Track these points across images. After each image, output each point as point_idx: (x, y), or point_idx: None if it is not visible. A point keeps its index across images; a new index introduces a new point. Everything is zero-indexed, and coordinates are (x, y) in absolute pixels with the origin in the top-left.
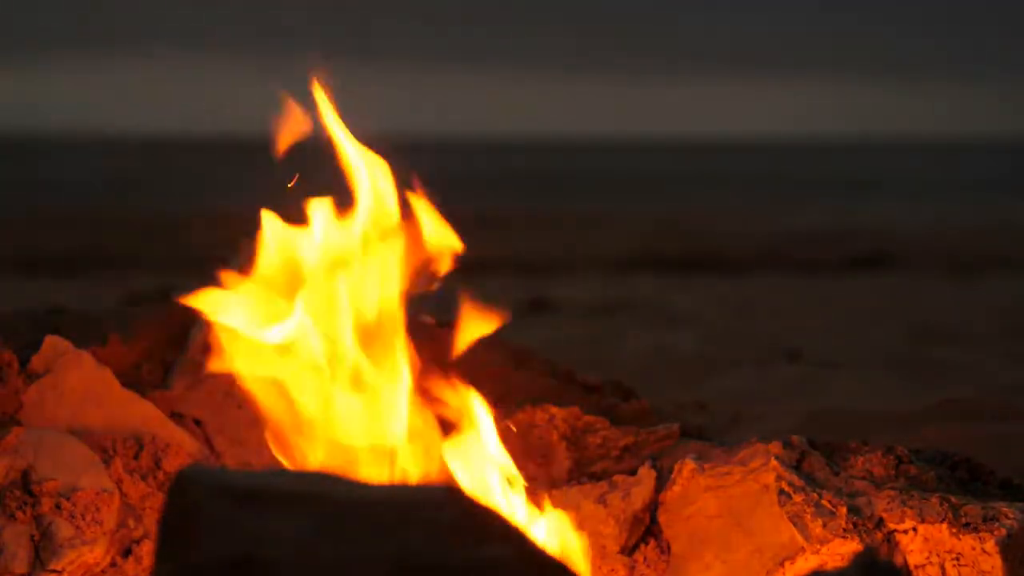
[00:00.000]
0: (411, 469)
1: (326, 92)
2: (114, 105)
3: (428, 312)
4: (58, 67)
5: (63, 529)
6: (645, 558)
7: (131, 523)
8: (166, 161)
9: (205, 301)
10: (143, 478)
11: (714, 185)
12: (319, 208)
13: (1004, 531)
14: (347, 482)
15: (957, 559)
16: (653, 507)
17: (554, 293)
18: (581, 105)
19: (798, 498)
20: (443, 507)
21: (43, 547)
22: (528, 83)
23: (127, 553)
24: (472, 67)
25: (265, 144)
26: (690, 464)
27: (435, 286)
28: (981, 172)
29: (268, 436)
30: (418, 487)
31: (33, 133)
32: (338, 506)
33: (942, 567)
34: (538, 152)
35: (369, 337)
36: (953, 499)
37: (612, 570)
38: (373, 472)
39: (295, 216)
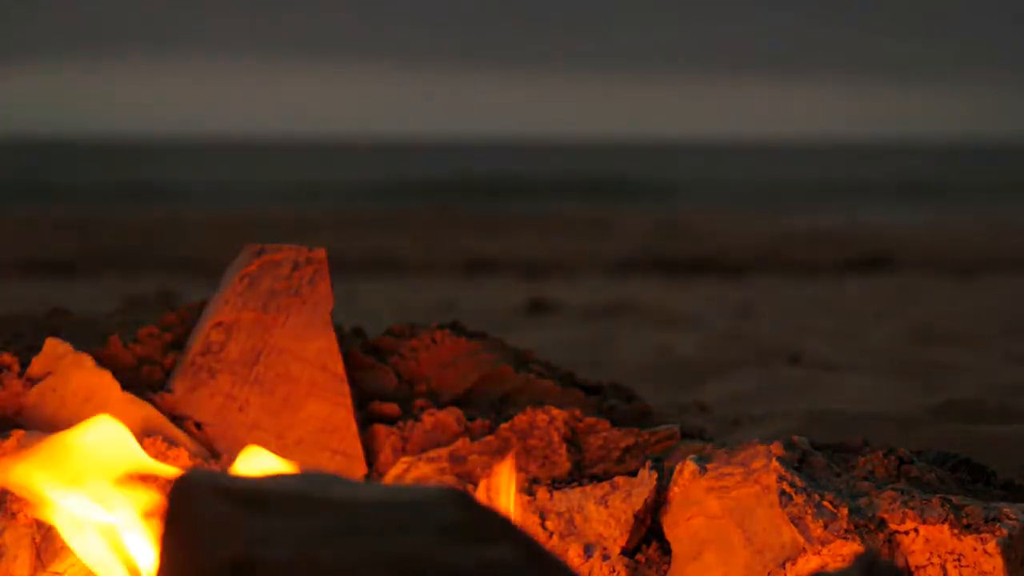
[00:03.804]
0: None
1: None
2: (112, 107)
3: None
4: (58, 69)
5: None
6: (647, 559)
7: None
8: (163, 163)
9: None
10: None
11: (714, 187)
12: None
13: (1006, 532)
14: (348, 483)
15: (959, 560)
16: (654, 508)
17: (555, 295)
18: (581, 106)
19: (799, 499)
20: (445, 508)
21: (44, 549)
22: (528, 83)
23: None
24: (472, 67)
25: (260, 146)
26: (691, 465)
27: None
28: (981, 173)
29: None
30: (419, 488)
31: (33, 134)
32: (339, 508)
33: (943, 568)
34: (538, 153)
35: None
36: (954, 500)
37: (613, 571)
38: None
39: None
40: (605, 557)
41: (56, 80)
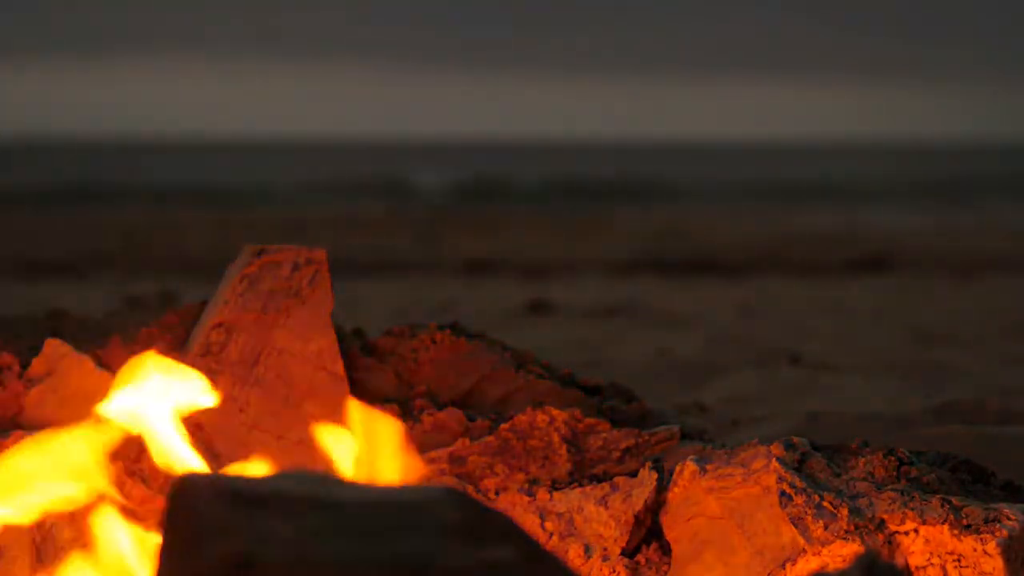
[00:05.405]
0: None
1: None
2: (108, 108)
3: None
4: (49, 68)
5: (64, 531)
6: (647, 560)
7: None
8: (161, 163)
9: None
10: (144, 481)
11: (714, 187)
12: None
13: (1005, 532)
14: (348, 484)
15: (958, 560)
16: (654, 509)
17: (555, 295)
18: (582, 107)
19: (799, 500)
20: (444, 508)
21: (44, 549)
22: (528, 83)
23: None
24: (472, 67)
25: (259, 146)
26: (691, 466)
27: None
28: (981, 174)
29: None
30: (419, 488)
31: (31, 135)
32: (339, 508)
33: (943, 568)
34: (538, 154)
35: None
36: (954, 500)
37: (613, 572)
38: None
39: None
40: (605, 558)
41: (50, 79)
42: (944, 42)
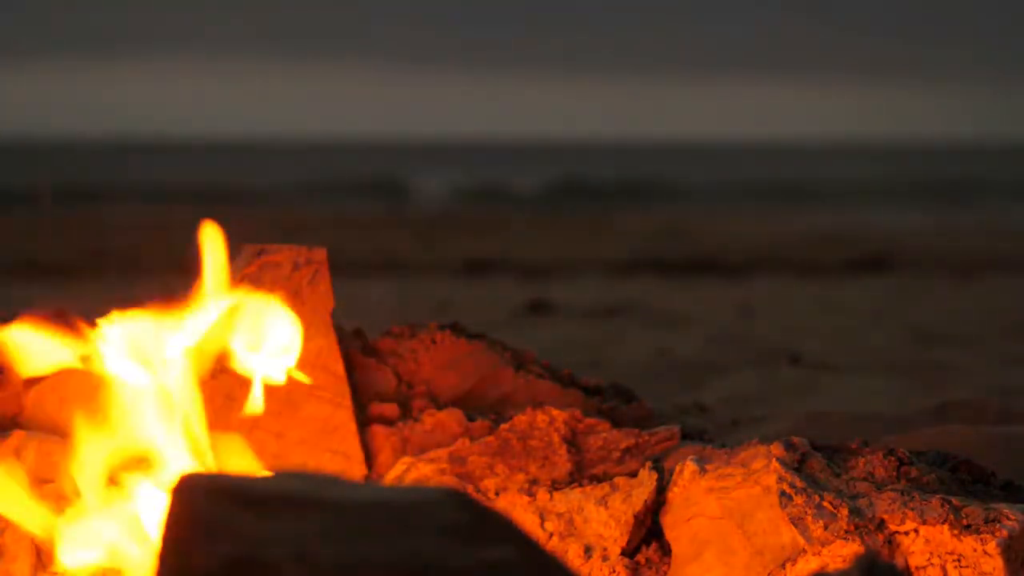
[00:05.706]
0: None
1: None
2: (108, 108)
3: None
4: (52, 68)
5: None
6: (647, 560)
7: None
8: (161, 163)
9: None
10: None
11: (715, 187)
12: None
13: (1005, 532)
14: (348, 484)
15: (958, 560)
16: (655, 509)
17: (555, 295)
18: (582, 107)
19: (799, 500)
20: (445, 509)
21: (44, 549)
22: (528, 83)
23: None
24: (473, 67)
25: (259, 146)
26: (691, 466)
27: None
28: (981, 174)
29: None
30: (419, 489)
31: (31, 135)
32: (339, 508)
33: (943, 568)
34: (538, 154)
35: None
36: (954, 501)
37: (613, 572)
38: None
39: None
40: (605, 558)
41: (50, 79)
42: (944, 42)
